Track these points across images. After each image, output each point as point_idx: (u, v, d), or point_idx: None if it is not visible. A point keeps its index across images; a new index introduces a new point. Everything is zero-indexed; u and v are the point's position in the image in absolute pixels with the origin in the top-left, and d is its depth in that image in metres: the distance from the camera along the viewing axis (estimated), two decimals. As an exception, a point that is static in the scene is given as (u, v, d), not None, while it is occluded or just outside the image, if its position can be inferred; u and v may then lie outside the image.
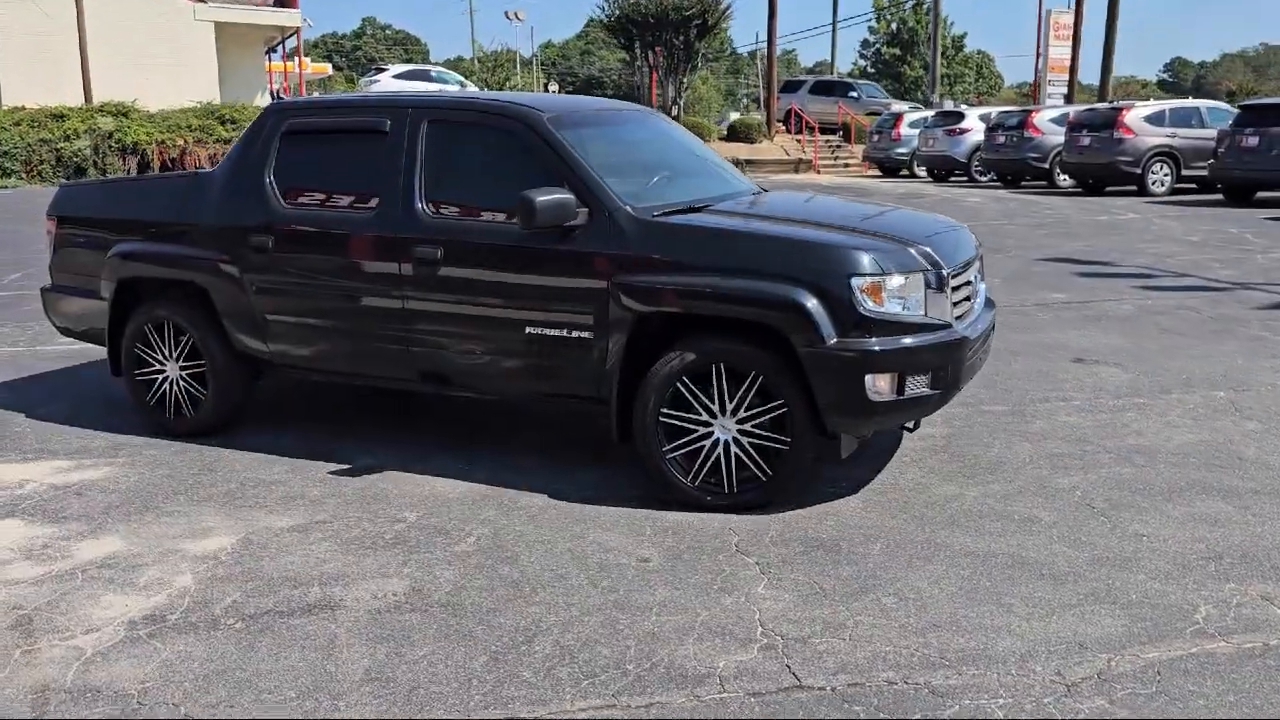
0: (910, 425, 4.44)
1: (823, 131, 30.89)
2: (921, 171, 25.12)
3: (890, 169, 26.09)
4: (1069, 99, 29.83)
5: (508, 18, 67.80)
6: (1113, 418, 5.35)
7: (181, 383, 5.20)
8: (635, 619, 3.25)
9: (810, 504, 4.16)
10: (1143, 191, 17.77)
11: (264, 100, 30.92)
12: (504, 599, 3.41)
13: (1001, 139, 20.81)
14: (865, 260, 3.88)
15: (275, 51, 35.65)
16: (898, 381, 3.88)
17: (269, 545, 3.88)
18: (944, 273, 4.05)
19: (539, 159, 4.36)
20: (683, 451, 4.10)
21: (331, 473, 4.67)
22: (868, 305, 3.84)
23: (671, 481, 4.11)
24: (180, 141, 25.13)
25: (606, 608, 3.33)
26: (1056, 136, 19.80)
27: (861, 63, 72.47)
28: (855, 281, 3.84)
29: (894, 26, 68.67)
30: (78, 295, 5.58)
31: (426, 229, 4.47)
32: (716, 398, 4.02)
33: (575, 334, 4.23)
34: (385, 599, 3.42)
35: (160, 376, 5.25)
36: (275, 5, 30.55)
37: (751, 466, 4.04)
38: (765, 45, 33.51)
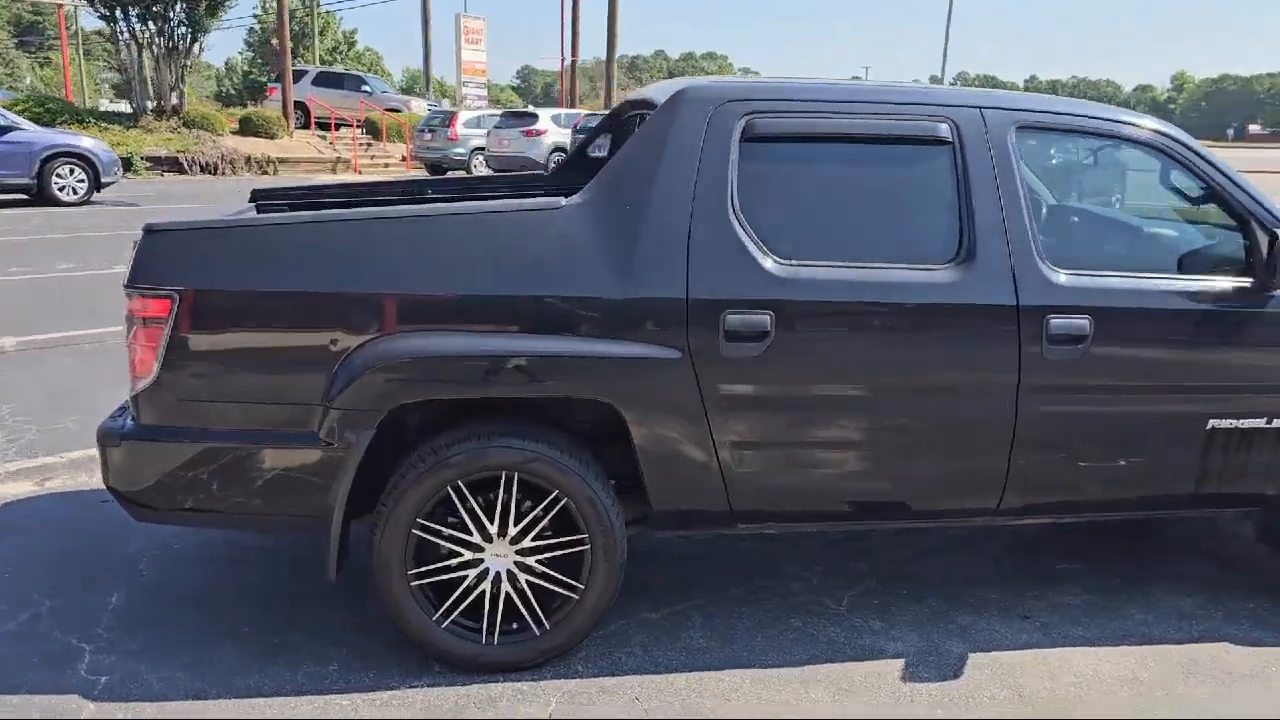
0: None
1: (343, 128, 28.44)
2: (488, 172, 24.47)
3: (444, 169, 24.90)
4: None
5: None
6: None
7: (522, 577, 2.95)
8: None
9: None
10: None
11: None
12: None
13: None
14: None
15: None
16: None
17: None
18: None
19: (1209, 188, 3.21)
20: None
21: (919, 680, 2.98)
22: None
23: None
24: None
25: None
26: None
27: (249, 53, 67.95)
28: None
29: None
30: (232, 441, 2.85)
31: (1060, 294, 3.01)
32: None
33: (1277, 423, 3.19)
34: None
35: (473, 572, 2.93)
36: None
37: None
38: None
